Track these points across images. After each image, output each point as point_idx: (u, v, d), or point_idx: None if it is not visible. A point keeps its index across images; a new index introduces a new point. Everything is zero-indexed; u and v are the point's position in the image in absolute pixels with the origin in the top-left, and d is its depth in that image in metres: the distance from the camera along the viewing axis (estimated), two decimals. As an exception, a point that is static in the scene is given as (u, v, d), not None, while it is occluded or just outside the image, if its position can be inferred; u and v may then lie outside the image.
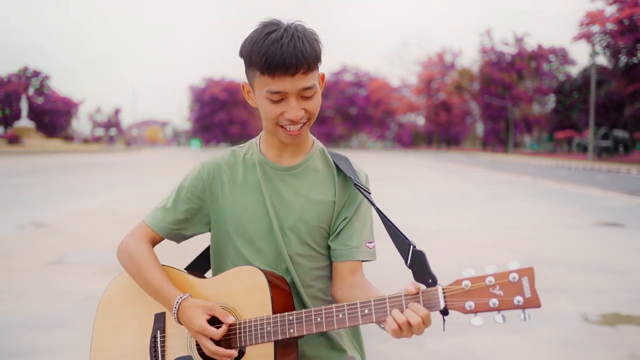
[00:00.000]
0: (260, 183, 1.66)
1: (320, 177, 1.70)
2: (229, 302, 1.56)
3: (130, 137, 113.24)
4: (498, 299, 1.26)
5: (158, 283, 1.61)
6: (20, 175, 21.83)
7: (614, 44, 40.37)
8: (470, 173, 26.71)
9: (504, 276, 1.26)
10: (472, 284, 1.29)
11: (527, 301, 1.24)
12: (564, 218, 10.88)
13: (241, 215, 1.66)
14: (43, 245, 7.72)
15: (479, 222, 10.14)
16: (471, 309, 1.28)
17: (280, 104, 1.52)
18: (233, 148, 1.76)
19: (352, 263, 1.67)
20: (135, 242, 1.69)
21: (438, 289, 1.33)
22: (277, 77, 1.48)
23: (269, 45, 1.46)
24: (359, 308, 1.41)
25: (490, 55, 69.90)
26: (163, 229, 1.71)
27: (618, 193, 15.99)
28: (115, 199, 13.80)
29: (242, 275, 1.57)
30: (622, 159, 39.16)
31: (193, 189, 1.69)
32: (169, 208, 1.71)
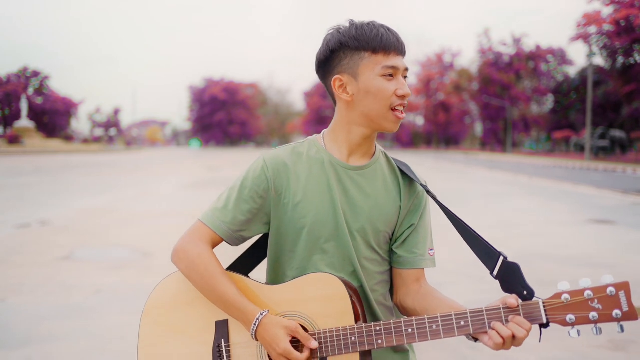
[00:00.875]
0: (330, 182, 1.62)
1: (387, 179, 1.68)
2: (304, 310, 1.51)
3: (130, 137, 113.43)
4: (597, 313, 1.31)
5: (232, 295, 1.53)
6: (23, 175, 22.08)
7: (610, 44, 40.64)
8: (468, 172, 26.99)
9: (601, 290, 1.31)
10: (572, 298, 1.33)
11: (625, 314, 1.29)
12: (557, 215, 11.17)
13: (308, 214, 1.60)
14: (51, 242, 7.98)
15: (474, 219, 10.42)
16: (572, 322, 1.32)
17: (392, 81, 1.56)
18: (293, 145, 1.70)
19: (417, 271, 1.67)
20: (197, 247, 1.59)
21: (539, 302, 1.36)
22: (391, 54, 1.55)
23: (377, 27, 1.55)
24: (454, 319, 1.40)
25: (489, 56, 70.19)
26: (225, 230, 1.61)
27: (612, 192, 16.28)
28: (119, 199, 14.06)
29: (317, 282, 1.51)
30: (619, 159, 39.48)
31: (256, 188, 1.62)
32: (231, 208, 1.61)
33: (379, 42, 1.53)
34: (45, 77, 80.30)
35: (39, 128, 70.01)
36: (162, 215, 10.94)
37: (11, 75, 77.91)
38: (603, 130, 47.12)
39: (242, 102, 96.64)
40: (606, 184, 19.31)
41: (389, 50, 1.54)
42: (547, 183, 19.98)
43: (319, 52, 1.63)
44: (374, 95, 1.55)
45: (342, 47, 1.56)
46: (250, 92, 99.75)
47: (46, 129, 76.67)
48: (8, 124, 71.90)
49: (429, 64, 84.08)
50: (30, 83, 79.32)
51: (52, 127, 79.24)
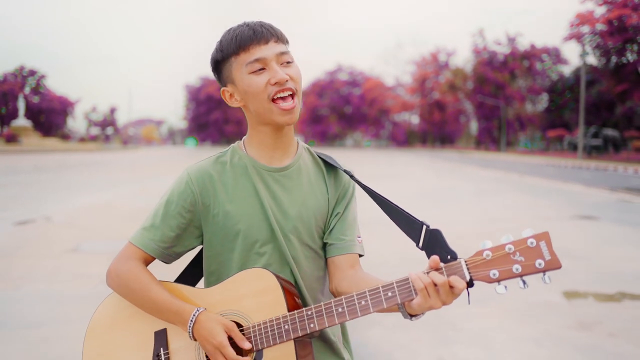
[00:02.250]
0: (257, 186, 1.63)
1: (312, 176, 1.70)
2: (239, 308, 1.53)
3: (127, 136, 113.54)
4: (520, 265, 1.30)
5: (165, 300, 1.54)
6: (23, 173, 22.39)
7: (603, 44, 41.13)
8: (461, 171, 27.39)
9: (522, 242, 1.31)
10: (493, 254, 1.32)
11: (547, 263, 1.29)
12: (543, 211, 11.57)
13: (239, 222, 1.61)
14: (57, 237, 8.34)
15: (463, 215, 10.82)
16: (495, 277, 1.31)
17: (264, 73, 1.55)
18: (216, 155, 1.71)
19: (350, 256, 1.66)
20: (127, 265, 1.60)
21: (461, 261, 1.35)
22: (251, 48, 1.54)
23: (235, 30, 1.58)
24: (381, 291, 1.39)
25: (484, 55, 70.63)
26: (154, 248, 1.61)
27: (599, 189, 16.71)
28: (119, 196, 14.42)
29: (249, 278, 1.53)
30: (611, 158, 39.94)
31: (182, 203, 1.62)
32: (158, 225, 1.62)
33: (235, 43, 1.55)
34: (42, 76, 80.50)
35: (35, 127, 70.19)
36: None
37: (8, 74, 78.08)
38: (596, 129, 47.63)
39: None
40: (595, 181, 19.75)
41: (247, 46, 1.55)
42: (537, 181, 20.40)
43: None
44: (251, 93, 1.57)
45: (216, 62, 1.63)
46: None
47: (43, 127, 76.86)
48: (5, 123, 72.10)
49: (424, 63, 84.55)
50: (26, 82, 79.50)
51: (49, 126, 79.44)
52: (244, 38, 1.55)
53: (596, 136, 46.52)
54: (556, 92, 63.24)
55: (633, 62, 40.81)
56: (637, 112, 48.54)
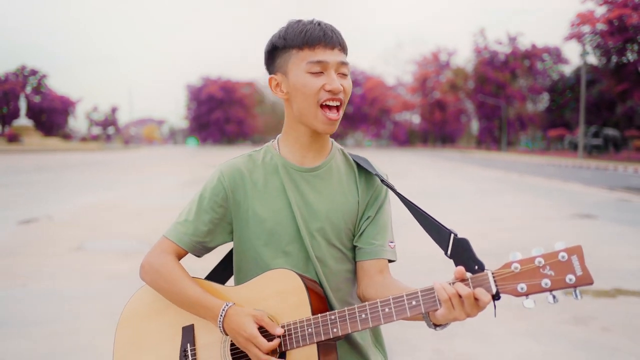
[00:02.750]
0: (284, 186, 1.64)
1: (343, 177, 1.70)
2: (264, 308, 1.54)
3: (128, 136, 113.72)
4: (550, 279, 1.26)
5: (197, 294, 1.57)
6: (25, 172, 22.52)
7: (604, 44, 41.20)
8: (462, 170, 27.48)
9: (553, 256, 1.26)
10: (522, 266, 1.28)
11: (579, 279, 1.24)
12: (543, 210, 11.67)
13: (266, 220, 1.63)
14: (61, 235, 8.44)
15: (462, 215, 10.92)
16: (523, 291, 1.28)
17: (321, 77, 1.55)
18: (249, 152, 1.73)
19: (379, 262, 1.65)
20: (161, 259, 1.64)
21: (488, 273, 1.32)
22: (317, 48, 1.53)
23: (305, 24, 1.56)
24: (405, 300, 1.38)
25: (484, 55, 70.67)
26: (187, 242, 1.66)
27: (599, 188, 16.80)
28: (121, 195, 14.53)
29: (275, 278, 1.55)
30: (612, 157, 40.02)
31: (215, 198, 1.66)
32: (191, 220, 1.66)
33: (302, 37, 1.54)
34: (43, 76, 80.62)
35: (37, 126, 70.34)
36: (165, 209, 11.40)
37: (9, 74, 78.19)
38: (597, 128, 47.70)
39: (239, 100, 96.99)
40: (595, 181, 19.84)
41: (314, 45, 1.53)
42: (537, 180, 20.50)
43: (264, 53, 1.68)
44: (301, 91, 1.56)
45: (273, 48, 1.60)
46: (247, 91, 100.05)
47: (44, 127, 77.00)
48: (6, 123, 72.25)
49: (424, 62, 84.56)
50: (28, 82, 79.63)
51: (50, 125, 79.58)
52: (314, 36, 1.53)
53: (597, 136, 46.59)
54: (557, 92, 63.29)
55: (633, 62, 40.88)
56: (637, 111, 48.60)
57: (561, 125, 60.85)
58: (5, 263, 6.61)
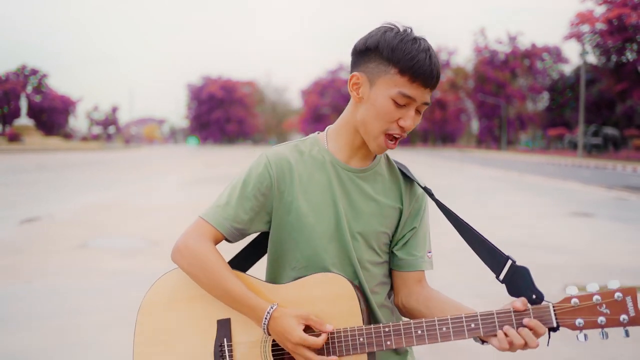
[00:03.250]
0: (332, 183, 1.60)
1: (387, 182, 1.67)
2: (312, 310, 1.50)
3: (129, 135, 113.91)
4: (605, 317, 1.33)
5: (240, 291, 1.50)
6: (26, 172, 22.65)
7: (603, 43, 41.32)
8: (462, 169, 27.62)
9: (609, 295, 1.33)
10: (581, 302, 1.35)
11: (631, 319, 1.32)
12: (540, 209, 11.80)
13: (309, 214, 1.59)
14: (64, 234, 8.56)
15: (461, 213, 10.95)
16: (580, 325, 1.34)
17: (401, 109, 1.50)
18: (295, 142, 1.68)
19: (418, 273, 1.67)
20: (201, 244, 1.55)
21: (550, 306, 1.38)
22: (416, 83, 1.47)
23: (419, 50, 1.46)
24: (464, 321, 1.42)
25: (485, 54, 70.79)
26: (227, 228, 1.57)
27: (597, 187, 16.94)
28: (122, 194, 14.65)
29: (324, 282, 1.51)
30: (611, 156, 40.14)
31: (259, 185, 1.58)
32: (233, 205, 1.58)
33: (410, 64, 1.46)
34: (44, 75, 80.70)
35: (37, 126, 70.42)
36: (166, 208, 11.53)
37: (10, 73, 78.26)
38: (596, 127, 47.82)
39: (239, 100, 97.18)
40: (594, 180, 19.97)
41: (416, 79, 1.47)
42: (536, 179, 20.62)
43: (359, 41, 1.57)
44: (377, 112, 1.51)
45: (377, 49, 1.50)
46: (248, 90, 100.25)
47: (45, 126, 77.10)
48: (7, 122, 72.35)
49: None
50: (28, 81, 79.71)
51: (51, 125, 79.69)
52: (421, 70, 1.46)
53: (596, 135, 46.71)
54: (557, 91, 63.40)
55: (633, 61, 41.00)
56: (637, 110, 48.72)
57: (561, 125, 60.96)
58: (10, 261, 6.73)
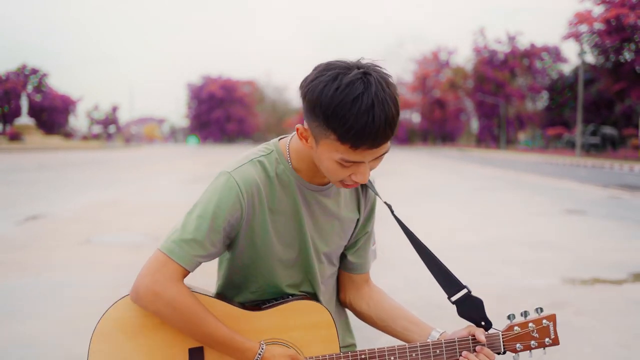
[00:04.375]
0: (298, 206, 1.55)
1: (347, 194, 1.66)
2: (289, 338, 1.51)
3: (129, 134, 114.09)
4: (536, 341, 1.60)
5: (224, 335, 1.44)
6: (28, 171, 22.84)
7: (601, 43, 41.53)
8: (460, 168, 27.81)
9: (539, 322, 1.60)
10: (521, 330, 1.60)
11: (553, 341, 1.60)
12: (534, 207, 12.00)
13: (275, 242, 1.55)
14: (67, 230, 8.77)
15: (457, 211, 11.26)
16: (519, 349, 1.60)
17: (351, 167, 1.40)
18: (259, 159, 1.54)
19: (366, 274, 1.76)
20: (172, 290, 1.42)
21: (499, 335, 1.60)
22: (359, 150, 1.33)
23: (358, 116, 1.28)
24: (431, 349, 1.56)
25: (484, 54, 71.02)
26: (195, 263, 1.47)
27: (592, 186, 17.14)
28: (124, 192, 14.85)
29: (302, 310, 1.53)
30: (609, 155, 40.33)
31: (229, 218, 1.47)
32: (200, 240, 1.45)
33: (349, 135, 1.30)
34: (44, 75, 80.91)
35: (38, 125, 70.60)
36: (168, 206, 11.74)
37: (10, 73, 78.44)
38: (594, 127, 48.02)
39: (239, 99, 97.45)
40: (590, 179, 20.17)
41: (359, 146, 1.32)
42: (533, 178, 20.83)
43: (302, 84, 1.41)
44: (326, 169, 1.44)
45: (315, 108, 1.35)
46: (248, 90, 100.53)
47: (45, 126, 77.30)
48: (8, 121, 72.55)
49: (424, 61, 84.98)
50: (29, 81, 79.91)
51: (51, 124, 79.91)
52: (362, 139, 1.31)
53: (594, 134, 46.91)
54: (556, 91, 63.59)
55: (631, 61, 41.20)
56: (636, 110, 48.93)
57: (560, 124, 61.16)
58: (17, 255, 6.94)
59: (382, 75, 1.35)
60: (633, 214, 10.84)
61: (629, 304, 5.05)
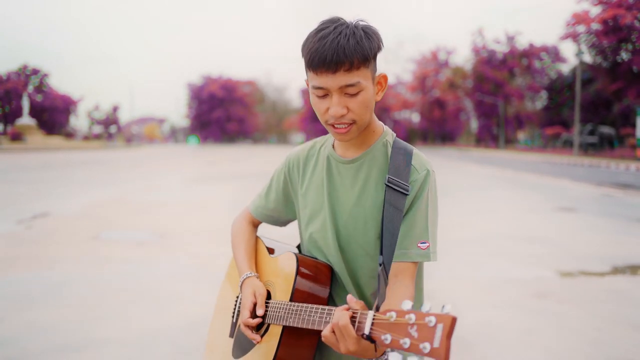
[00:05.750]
0: (324, 177, 1.72)
1: (376, 171, 1.65)
2: (273, 282, 1.76)
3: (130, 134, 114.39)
4: (410, 340, 1.16)
5: (239, 257, 1.86)
6: (32, 170, 23.14)
7: (599, 43, 41.84)
8: (458, 167, 28.10)
9: (422, 317, 1.16)
10: (396, 318, 1.20)
11: (432, 351, 1.12)
12: (528, 204, 12.34)
13: (307, 206, 1.77)
14: (76, 227, 9.10)
15: (453, 207, 11.57)
16: (387, 342, 1.19)
17: (325, 99, 1.52)
18: (316, 139, 1.86)
19: (397, 265, 1.55)
20: (239, 222, 1.97)
21: (369, 313, 1.27)
22: (319, 73, 1.48)
23: (315, 42, 1.47)
24: (326, 313, 1.46)
25: (483, 54, 71.30)
26: (260, 214, 1.94)
27: (586, 184, 17.47)
28: (128, 191, 15.17)
29: (285, 259, 1.73)
30: (606, 155, 40.64)
31: (277, 181, 1.88)
32: (263, 196, 1.93)
33: (308, 59, 1.49)
34: (45, 75, 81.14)
35: (39, 125, 70.86)
36: (172, 204, 12.07)
37: (11, 73, 78.71)
38: (592, 126, 48.32)
39: (239, 99, 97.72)
40: (585, 177, 20.50)
41: (316, 70, 1.48)
42: (529, 177, 21.15)
43: None
44: (316, 111, 1.58)
45: (302, 53, 1.56)
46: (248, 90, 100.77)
47: (46, 126, 77.56)
48: (9, 122, 72.83)
49: (424, 61, 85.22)
50: (30, 81, 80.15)
51: (52, 124, 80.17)
52: (315, 60, 1.47)
53: (592, 134, 47.22)
54: (555, 90, 63.87)
55: (627, 61, 41.51)
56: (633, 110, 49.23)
57: (559, 124, 61.45)
58: (30, 250, 7.27)
59: (359, 24, 1.52)
60: (623, 211, 11.17)
61: (607, 293, 5.38)
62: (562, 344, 4.04)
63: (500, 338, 4.20)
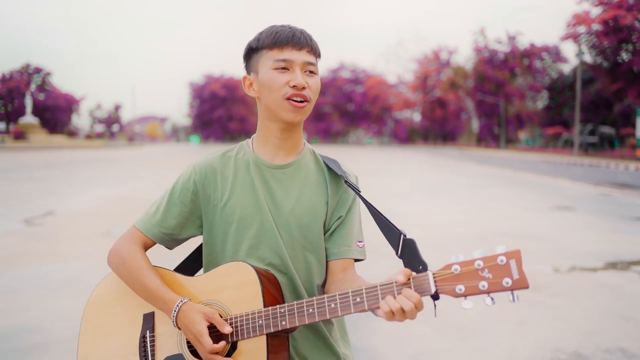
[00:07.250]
0: (254, 181, 1.69)
1: (312, 176, 1.74)
2: (219, 298, 1.59)
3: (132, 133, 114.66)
4: (487, 282, 1.29)
5: (155, 287, 1.62)
6: (37, 169, 23.37)
7: (599, 44, 42.08)
8: (459, 167, 28.34)
9: (492, 259, 1.29)
10: (462, 268, 1.32)
11: (515, 282, 1.26)
12: (526, 203, 12.60)
13: (235, 212, 1.68)
14: (88, 224, 9.36)
15: (451, 205, 11.85)
16: (461, 292, 1.31)
17: (286, 73, 1.62)
18: (222, 150, 1.78)
19: (344, 261, 1.70)
20: (127, 247, 1.70)
21: (429, 274, 1.35)
22: (285, 49, 1.61)
23: (278, 27, 1.65)
24: (350, 297, 1.43)
25: (484, 54, 71.53)
26: (155, 233, 1.71)
27: (585, 184, 17.73)
28: (135, 189, 15.44)
29: (231, 271, 1.59)
30: (606, 154, 40.88)
31: (185, 192, 1.72)
32: (161, 212, 1.72)
33: (273, 38, 1.62)
34: (47, 74, 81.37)
35: (41, 124, 71.09)
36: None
37: (14, 72, 78.92)
38: (592, 126, 48.58)
39: (241, 98, 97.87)
40: (584, 177, 20.76)
41: (283, 45, 1.62)
42: (528, 176, 21.41)
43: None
44: (269, 87, 1.63)
45: (249, 49, 1.69)
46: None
47: (48, 124, 77.80)
48: (12, 120, 73.08)
49: (425, 61, 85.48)
50: (32, 80, 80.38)
51: (54, 123, 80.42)
52: (283, 37, 1.62)
53: (592, 134, 47.48)
54: (556, 90, 64.09)
55: (628, 62, 41.73)
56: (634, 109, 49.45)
57: (560, 124, 61.68)
58: (42, 245, 7.53)
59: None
60: (619, 210, 11.43)
61: (598, 287, 5.65)
62: (555, 334, 4.31)
63: (496, 328, 4.46)
